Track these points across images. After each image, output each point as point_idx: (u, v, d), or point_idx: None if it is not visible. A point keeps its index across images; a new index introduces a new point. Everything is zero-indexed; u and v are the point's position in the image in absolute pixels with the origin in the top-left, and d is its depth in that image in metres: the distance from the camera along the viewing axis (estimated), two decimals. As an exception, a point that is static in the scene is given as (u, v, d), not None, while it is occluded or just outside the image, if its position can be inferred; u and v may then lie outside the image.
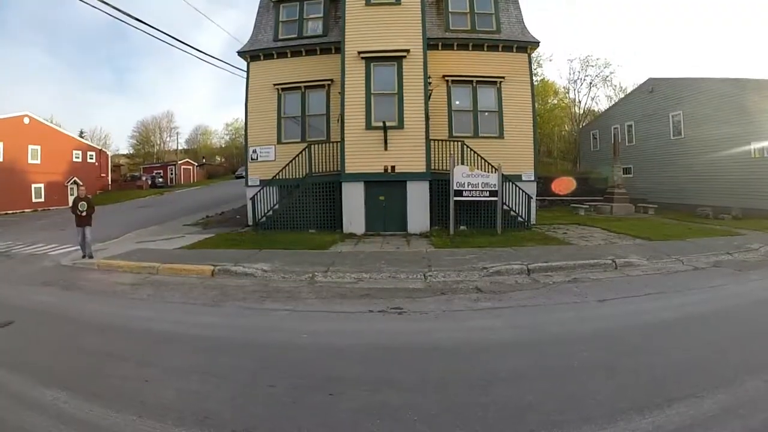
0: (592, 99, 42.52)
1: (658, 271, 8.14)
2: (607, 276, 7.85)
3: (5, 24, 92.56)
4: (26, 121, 34.81)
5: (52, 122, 40.96)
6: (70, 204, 11.45)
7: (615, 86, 42.05)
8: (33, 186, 34.35)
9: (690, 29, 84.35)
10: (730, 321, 5.52)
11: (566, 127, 41.74)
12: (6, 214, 30.24)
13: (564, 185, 26.33)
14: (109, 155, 47.19)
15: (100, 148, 45.47)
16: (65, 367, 4.41)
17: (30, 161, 34.53)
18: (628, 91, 33.73)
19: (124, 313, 6.40)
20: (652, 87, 24.37)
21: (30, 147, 34.63)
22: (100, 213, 26.24)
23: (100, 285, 8.34)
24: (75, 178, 38.63)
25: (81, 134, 49.95)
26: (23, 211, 31.95)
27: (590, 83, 40.97)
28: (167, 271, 8.84)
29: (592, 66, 40.35)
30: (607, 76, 41.00)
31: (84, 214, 10.73)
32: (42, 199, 34.86)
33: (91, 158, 42.53)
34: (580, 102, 41.87)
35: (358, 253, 10.15)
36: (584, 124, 36.34)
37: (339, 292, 7.10)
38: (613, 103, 34.84)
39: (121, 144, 70.06)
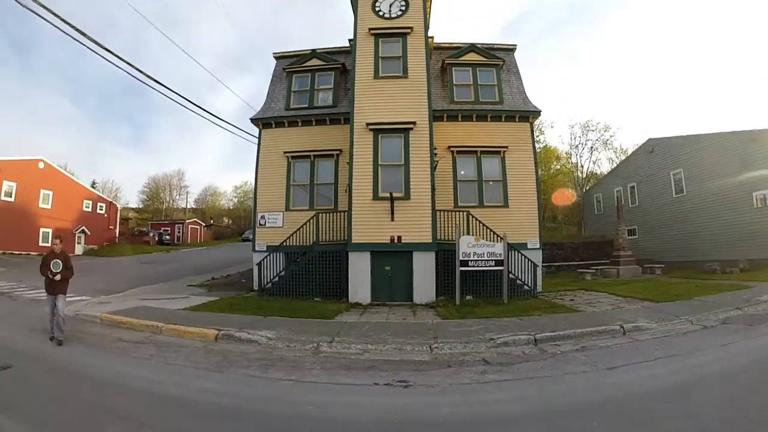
0: (594, 162, 43.56)
1: (668, 334, 8.02)
2: (616, 342, 7.71)
3: (31, 69, 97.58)
4: (41, 165, 35.83)
5: (66, 170, 41.96)
6: (41, 262, 8.46)
7: (616, 149, 43.05)
8: (41, 230, 34.87)
9: (687, 87, 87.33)
10: (743, 379, 5.41)
11: (570, 190, 42.15)
12: (12, 254, 30.48)
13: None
14: (119, 208, 48.00)
15: (110, 200, 46.30)
16: (63, 420, 4.35)
17: (41, 205, 35.34)
18: (629, 152, 34.44)
19: (125, 371, 6.34)
20: (652, 147, 24.95)
21: (42, 191, 35.55)
22: (106, 265, 26.59)
23: (102, 340, 8.32)
24: (83, 227, 39.04)
25: (93, 185, 51.11)
26: (29, 254, 32.14)
27: (591, 147, 41.89)
28: (170, 332, 8.78)
29: (593, 130, 41.36)
30: (608, 140, 42.01)
31: (57, 278, 8.15)
32: (49, 244, 35.06)
33: (101, 209, 43.28)
34: (582, 166, 42.62)
35: (363, 323, 9.99)
36: (587, 188, 36.89)
37: (344, 363, 6.96)
38: (614, 165, 35.51)
39: (131, 198, 71.79)
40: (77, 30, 10.57)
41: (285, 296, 13.29)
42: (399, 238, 13.03)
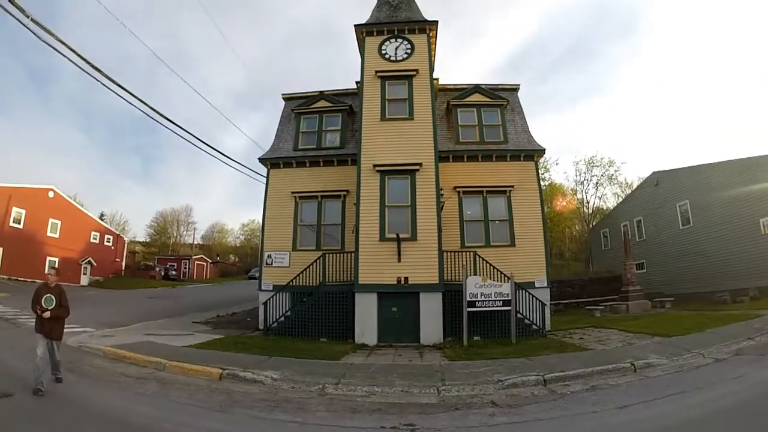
0: (600, 198, 43.55)
1: (679, 369, 7.93)
2: (627, 380, 7.61)
3: (47, 99, 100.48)
4: (51, 194, 36.23)
5: (75, 200, 42.43)
6: (33, 295, 7.31)
7: (621, 183, 43.12)
8: (48, 258, 34.92)
9: (691, 117, 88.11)
10: (757, 412, 5.32)
11: (577, 227, 42.08)
12: (17, 280, 30.52)
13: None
14: (126, 241, 48.33)
15: (118, 232, 46.67)
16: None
17: (48, 234, 35.56)
18: (634, 186, 34.54)
19: (127, 407, 6.32)
20: (656, 180, 25.08)
21: (51, 220, 35.84)
22: (111, 298, 26.54)
23: (105, 373, 8.32)
24: (90, 258, 39.04)
25: (101, 217, 51.58)
26: (34, 281, 32.15)
27: (597, 183, 42.10)
28: (174, 369, 8.74)
29: (597, 166, 41.67)
30: (613, 175, 42.19)
31: (47, 315, 6.96)
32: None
33: (108, 242, 43.59)
34: (588, 202, 42.69)
35: (369, 365, 9.90)
36: (594, 224, 36.95)
37: (350, 405, 6.88)
38: (620, 200, 35.57)
39: (138, 231, 72.51)
40: (92, 66, 10.75)
41: (290, 336, 13.18)
42: (406, 279, 13.01)
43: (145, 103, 12.75)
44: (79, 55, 10.38)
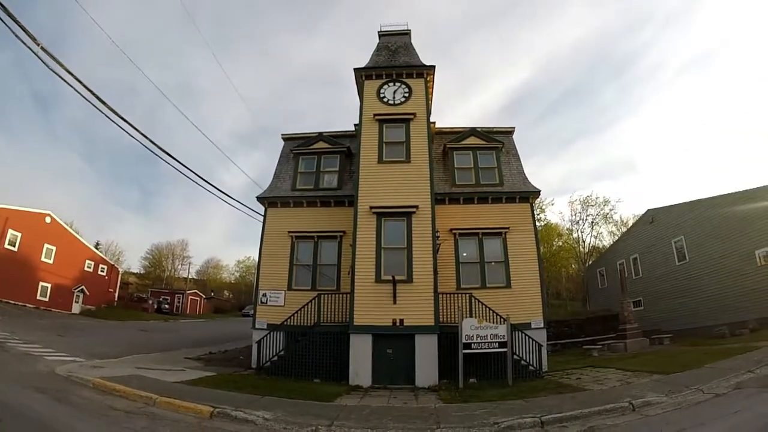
0: (595, 237, 43.83)
1: (678, 406, 7.82)
2: (625, 420, 7.49)
3: (52, 125, 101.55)
4: (48, 220, 36.18)
5: (71, 227, 42.33)
6: None
7: (616, 222, 43.46)
8: (41, 284, 34.85)
9: (688, 120, 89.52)
10: None
11: (573, 266, 42.24)
12: (8, 302, 30.16)
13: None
14: (120, 272, 47.99)
15: (112, 262, 46.36)
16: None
17: (43, 259, 35.36)
18: (629, 224, 34.85)
19: None
20: (651, 218, 25.29)
21: (46, 246, 35.68)
22: (103, 328, 26.17)
23: (93, 405, 8.18)
24: (83, 287, 38.59)
25: (97, 245, 51.41)
26: (26, 305, 31.98)
27: (592, 222, 42.48)
28: (164, 405, 8.57)
29: (592, 205, 42.16)
30: (608, 213, 42.54)
31: None
32: (47, 299, 35.10)
33: (102, 271, 43.32)
34: (584, 241, 42.95)
35: (363, 407, 9.78)
36: (590, 263, 37.09)
37: None
38: (615, 238, 35.78)
39: (133, 262, 72.02)
40: (97, 97, 10.82)
41: (284, 376, 13.04)
42: (401, 321, 12.97)
43: (146, 137, 12.78)
44: (85, 86, 10.48)
